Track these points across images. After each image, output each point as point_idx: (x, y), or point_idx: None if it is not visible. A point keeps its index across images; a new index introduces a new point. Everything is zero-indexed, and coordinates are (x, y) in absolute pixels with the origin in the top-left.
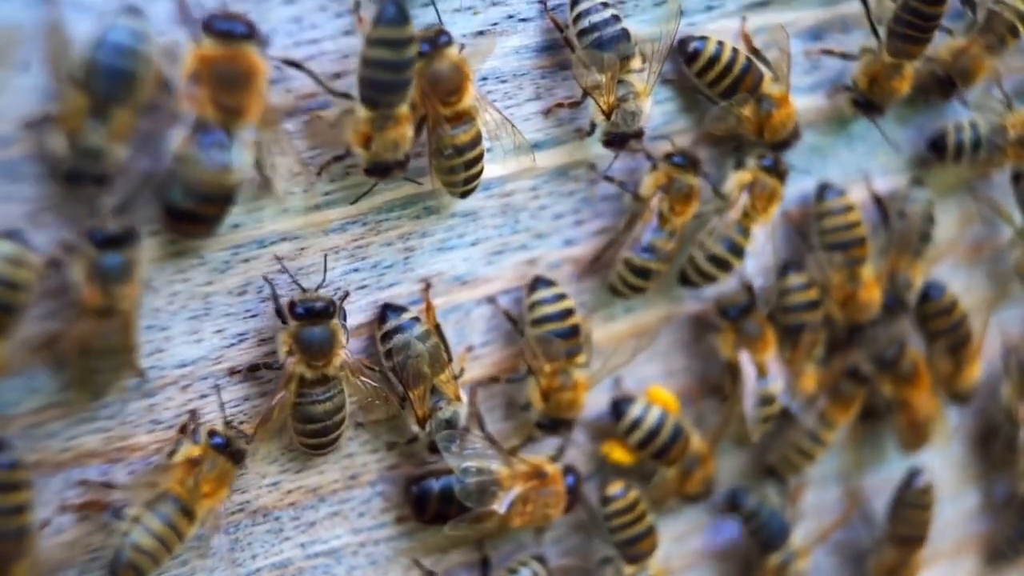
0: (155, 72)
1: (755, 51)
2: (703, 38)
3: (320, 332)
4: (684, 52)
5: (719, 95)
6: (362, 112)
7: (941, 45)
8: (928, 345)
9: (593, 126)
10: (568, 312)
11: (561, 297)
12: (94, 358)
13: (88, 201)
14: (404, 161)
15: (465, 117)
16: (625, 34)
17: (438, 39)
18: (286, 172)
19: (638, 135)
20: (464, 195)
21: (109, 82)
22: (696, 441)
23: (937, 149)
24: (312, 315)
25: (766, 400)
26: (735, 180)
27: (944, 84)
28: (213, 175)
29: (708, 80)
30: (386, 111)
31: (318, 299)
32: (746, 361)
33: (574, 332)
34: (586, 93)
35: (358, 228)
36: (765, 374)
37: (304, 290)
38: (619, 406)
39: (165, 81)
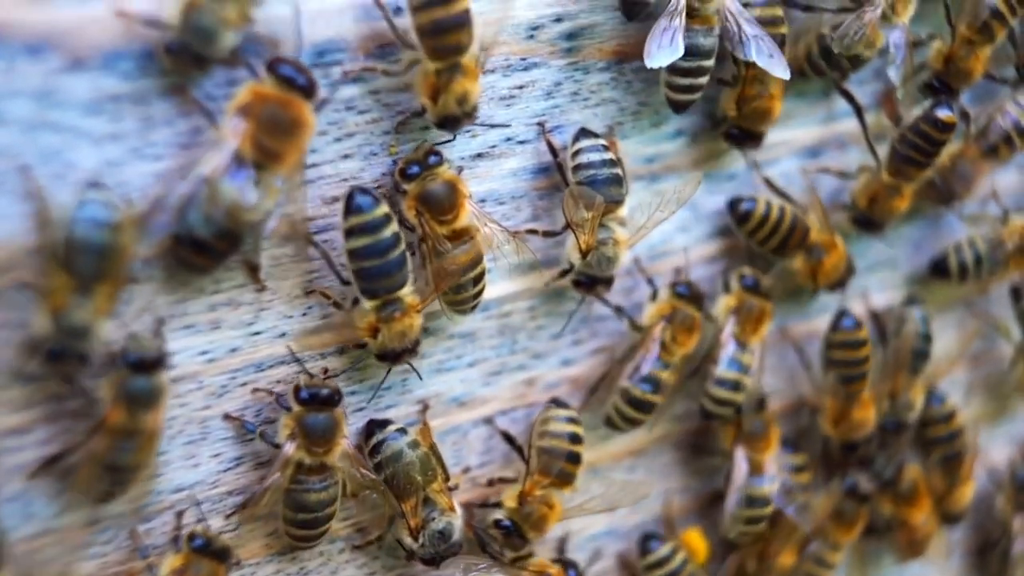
0: (133, 241)
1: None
2: (752, 199)
3: (324, 419)
4: (735, 213)
5: (770, 252)
6: (367, 303)
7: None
8: (923, 456)
9: (570, 264)
10: (577, 438)
11: (574, 421)
12: (106, 472)
13: (66, 378)
14: (413, 348)
15: (464, 235)
16: (618, 179)
17: (427, 160)
18: (285, 295)
19: (608, 282)
20: (469, 312)
21: (89, 259)
22: None
23: (940, 271)
24: (317, 401)
25: (754, 500)
26: (722, 305)
27: (945, 194)
28: (235, 208)
29: (759, 239)
30: (389, 297)
31: (324, 386)
32: (740, 456)
33: (576, 460)
34: (567, 226)
35: (355, 350)
36: (759, 472)
37: (311, 376)
38: (648, 542)
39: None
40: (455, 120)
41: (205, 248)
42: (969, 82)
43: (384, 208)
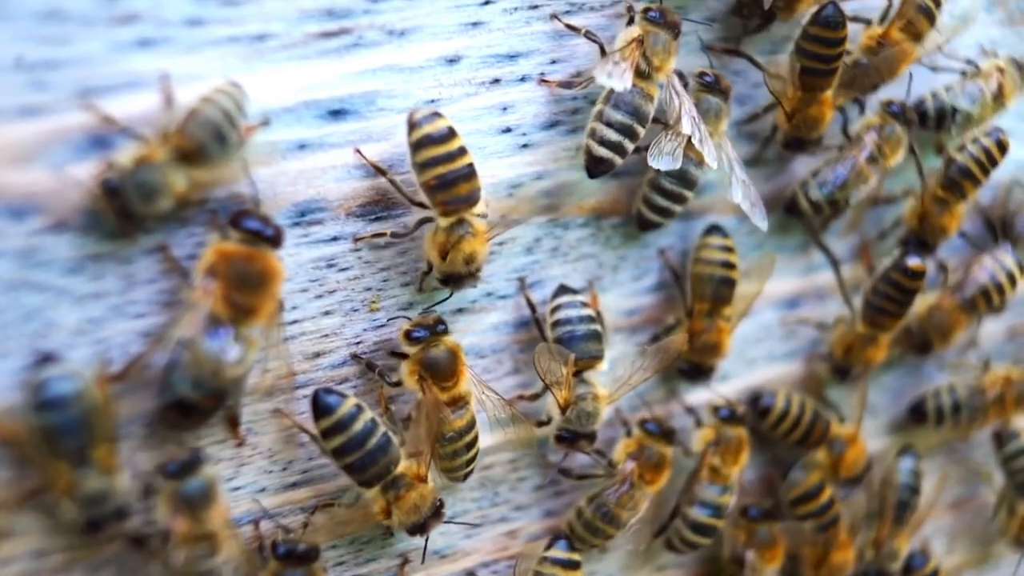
0: (107, 394)
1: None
2: (772, 394)
3: (301, 575)
4: (755, 408)
5: (792, 444)
6: (369, 493)
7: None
8: None
9: (549, 418)
10: None
11: (574, 565)
12: None
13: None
14: (436, 513)
15: (460, 401)
16: (596, 335)
17: (436, 327)
18: (266, 450)
19: (590, 437)
20: (464, 479)
21: (70, 437)
22: None
23: (918, 415)
24: (294, 557)
25: None
26: (700, 438)
27: (920, 343)
28: (219, 368)
29: (780, 433)
30: (387, 480)
31: (300, 542)
32: (750, 562)
33: None
34: (546, 385)
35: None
36: None
37: (289, 531)
38: None
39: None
40: (459, 279)
41: (192, 409)
42: (945, 237)
43: (352, 401)
